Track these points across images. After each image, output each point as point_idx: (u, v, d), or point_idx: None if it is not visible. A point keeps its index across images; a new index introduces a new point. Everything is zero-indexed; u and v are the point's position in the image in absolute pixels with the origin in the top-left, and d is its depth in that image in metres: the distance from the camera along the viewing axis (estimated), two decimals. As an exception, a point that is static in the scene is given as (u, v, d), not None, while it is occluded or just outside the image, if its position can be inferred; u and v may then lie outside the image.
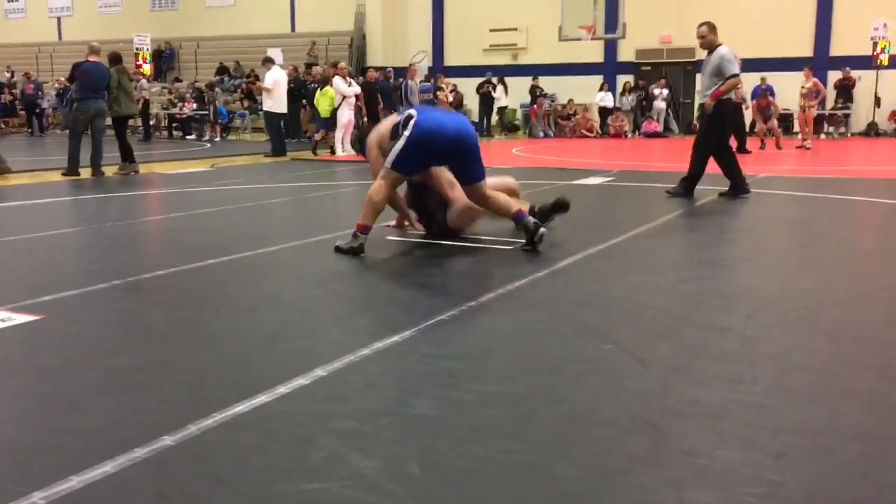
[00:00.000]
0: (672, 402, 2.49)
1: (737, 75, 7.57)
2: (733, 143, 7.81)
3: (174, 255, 5.10)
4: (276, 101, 14.29)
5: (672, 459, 2.09)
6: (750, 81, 16.28)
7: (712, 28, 7.74)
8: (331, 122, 15.26)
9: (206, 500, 1.88)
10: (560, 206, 5.47)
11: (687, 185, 7.75)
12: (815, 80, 15.67)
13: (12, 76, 25.88)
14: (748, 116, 16.46)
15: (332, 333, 3.25)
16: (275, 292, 4.03)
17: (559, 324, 3.39)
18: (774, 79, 18.52)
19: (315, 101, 15.82)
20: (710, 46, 7.70)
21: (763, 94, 16.08)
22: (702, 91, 7.95)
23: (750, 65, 14.55)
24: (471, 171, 4.96)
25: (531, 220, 4.90)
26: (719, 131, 7.80)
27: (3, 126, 23.77)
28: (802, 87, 15.67)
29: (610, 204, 7.74)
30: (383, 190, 4.89)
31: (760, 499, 1.88)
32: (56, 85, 24.31)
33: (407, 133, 4.82)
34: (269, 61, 14.63)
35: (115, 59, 11.28)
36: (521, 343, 3.15)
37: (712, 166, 7.76)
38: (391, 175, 4.89)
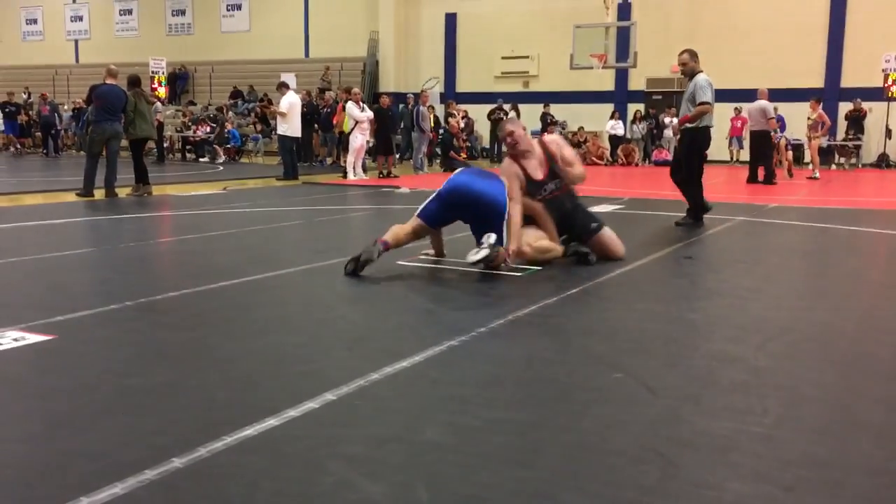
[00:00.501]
0: (682, 432, 2.48)
1: (708, 103, 7.68)
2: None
3: (186, 277, 5.13)
4: (290, 125, 14.43)
5: (681, 490, 2.08)
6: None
7: (693, 55, 7.91)
8: (342, 147, 15.38)
9: (214, 524, 1.89)
10: (581, 258, 5.52)
11: (693, 215, 7.87)
12: (821, 111, 15.76)
13: (29, 97, 26.20)
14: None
15: (341, 357, 3.26)
16: (285, 315, 4.05)
17: (568, 351, 3.39)
18: (785, 109, 18.58)
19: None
20: (692, 73, 7.86)
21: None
22: (680, 116, 8.17)
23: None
24: (482, 234, 5.02)
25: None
26: (696, 157, 7.97)
27: (19, 146, 24.02)
28: (808, 119, 15.77)
29: (620, 232, 7.70)
30: (406, 231, 5.13)
31: (770, 532, 1.87)
32: (70, 105, 24.61)
33: (441, 188, 5.12)
34: (283, 86, 14.79)
35: (134, 81, 11.37)
36: (530, 370, 3.14)
37: (713, 192, 7.81)
38: (416, 222, 5.14)
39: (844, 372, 3.15)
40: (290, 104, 14.37)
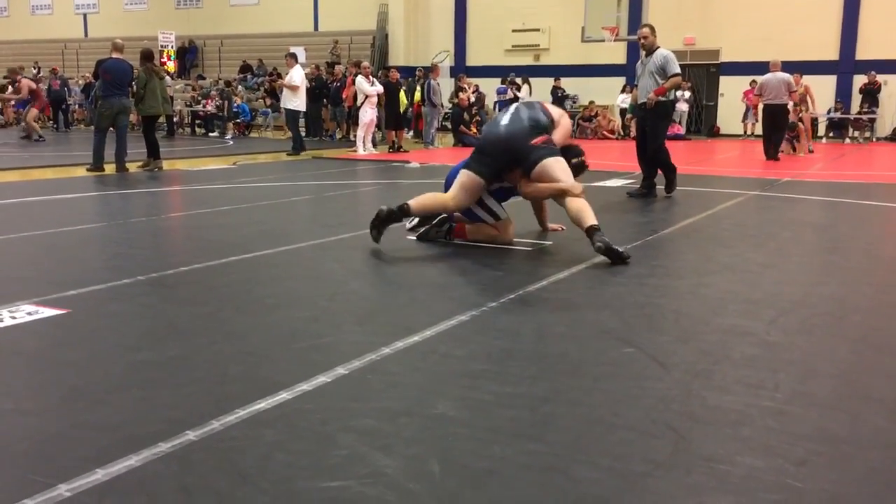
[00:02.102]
0: (693, 406, 2.48)
1: (679, 74, 8.16)
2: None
3: (197, 252, 5.14)
4: (300, 98, 14.41)
5: (693, 464, 2.08)
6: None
7: (653, 30, 8.32)
8: (353, 120, 15.33)
9: (228, 496, 1.91)
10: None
11: (671, 178, 8.18)
12: (806, 84, 15.75)
13: (39, 72, 26.19)
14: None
15: (352, 332, 3.27)
16: (296, 290, 4.06)
17: (579, 326, 3.39)
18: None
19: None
20: (651, 48, 8.25)
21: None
22: (642, 90, 8.31)
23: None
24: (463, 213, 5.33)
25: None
26: (665, 129, 8.51)
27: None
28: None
29: (631, 206, 7.70)
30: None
31: (781, 506, 1.87)
32: (80, 80, 24.60)
33: None
34: (292, 57, 14.70)
35: (146, 56, 11.29)
36: (540, 345, 3.15)
37: (721, 167, 7.76)
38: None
39: (857, 347, 3.14)
40: (301, 77, 14.37)
